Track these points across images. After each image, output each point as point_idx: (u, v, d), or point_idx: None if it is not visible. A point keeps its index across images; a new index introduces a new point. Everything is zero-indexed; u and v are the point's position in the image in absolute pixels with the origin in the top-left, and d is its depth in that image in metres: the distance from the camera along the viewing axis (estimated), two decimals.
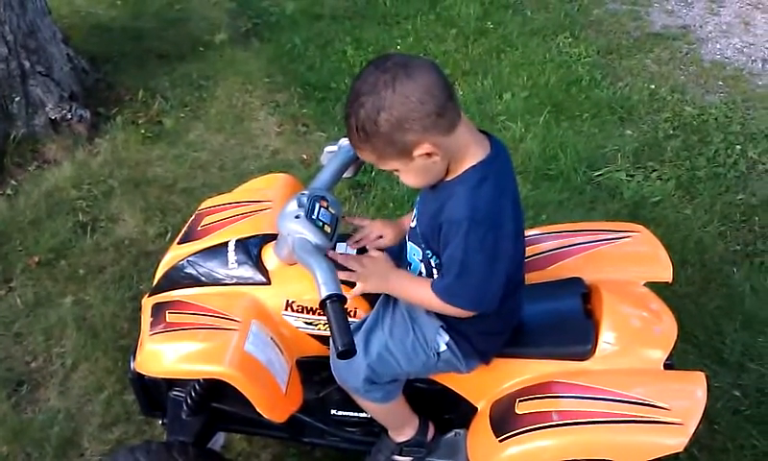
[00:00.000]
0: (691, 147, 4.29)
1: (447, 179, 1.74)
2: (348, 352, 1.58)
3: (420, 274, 1.92)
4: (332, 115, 4.50)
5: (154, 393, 2.26)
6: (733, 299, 3.32)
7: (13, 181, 3.91)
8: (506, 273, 1.73)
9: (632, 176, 4.06)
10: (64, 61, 4.41)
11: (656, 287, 2.20)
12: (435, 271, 1.87)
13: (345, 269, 1.89)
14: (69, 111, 4.19)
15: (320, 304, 1.61)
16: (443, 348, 1.92)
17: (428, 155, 1.64)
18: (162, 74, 4.90)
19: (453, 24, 5.60)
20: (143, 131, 4.31)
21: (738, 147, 4.27)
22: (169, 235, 3.52)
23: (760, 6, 5.96)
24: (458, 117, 1.66)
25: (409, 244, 1.96)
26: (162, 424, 2.33)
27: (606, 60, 5.20)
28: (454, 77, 4.87)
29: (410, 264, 1.97)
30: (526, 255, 2.10)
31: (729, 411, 2.85)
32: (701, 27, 5.68)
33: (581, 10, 5.91)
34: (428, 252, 1.85)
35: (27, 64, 4.06)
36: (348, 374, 1.96)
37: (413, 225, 1.93)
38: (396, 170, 1.72)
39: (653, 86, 4.87)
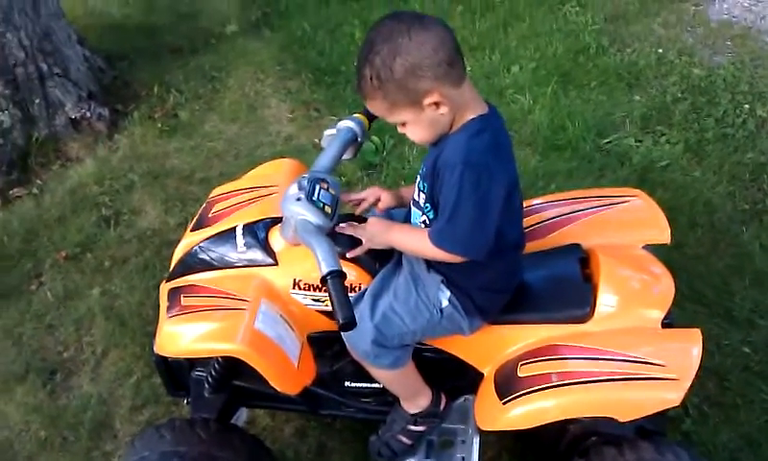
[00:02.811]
0: (699, 109, 4.29)
1: (450, 132, 1.83)
2: (348, 325, 1.65)
3: None
4: (343, 99, 4.57)
5: (178, 374, 2.37)
6: (743, 258, 3.34)
7: (38, 181, 4.05)
8: (497, 221, 1.79)
9: (640, 141, 4.08)
10: (81, 62, 4.53)
11: (666, 250, 2.25)
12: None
13: (354, 244, 2.01)
14: (88, 110, 4.32)
15: (321, 281, 1.69)
16: (444, 303, 2.00)
17: (436, 105, 1.73)
18: (176, 68, 5.01)
19: (460, 0, 5.61)
20: (160, 124, 4.43)
21: (747, 106, 4.27)
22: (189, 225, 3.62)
23: None
24: (464, 73, 1.75)
25: (413, 210, 2.03)
26: (187, 403, 2.44)
27: (613, 27, 5.19)
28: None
29: None
30: (528, 225, 2.17)
31: (739, 368, 2.89)
32: None
33: None
34: (427, 205, 1.92)
35: (44, 67, 4.18)
36: (357, 338, 2.03)
37: (419, 187, 1.99)
38: (404, 124, 1.80)
39: (660, 50, 4.86)
